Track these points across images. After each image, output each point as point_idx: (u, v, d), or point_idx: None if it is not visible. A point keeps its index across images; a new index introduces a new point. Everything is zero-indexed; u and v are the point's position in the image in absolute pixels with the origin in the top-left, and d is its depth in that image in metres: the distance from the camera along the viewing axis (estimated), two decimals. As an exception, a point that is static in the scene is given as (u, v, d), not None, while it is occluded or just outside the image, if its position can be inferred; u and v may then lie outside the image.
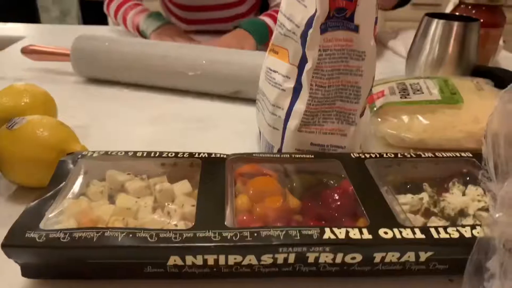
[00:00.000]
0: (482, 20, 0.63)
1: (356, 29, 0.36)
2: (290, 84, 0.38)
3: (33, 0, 2.17)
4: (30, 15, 2.21)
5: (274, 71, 0.40)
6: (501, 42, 0.71)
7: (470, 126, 0.46)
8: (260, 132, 0.45)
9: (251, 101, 0.57)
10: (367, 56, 0.36)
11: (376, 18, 0.38)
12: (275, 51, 0.41)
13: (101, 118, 0.53)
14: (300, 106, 0.37)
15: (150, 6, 0.90)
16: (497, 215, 0.22)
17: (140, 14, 0.83)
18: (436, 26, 0.58)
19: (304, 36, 0.36)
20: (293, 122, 0.38)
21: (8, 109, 0.43)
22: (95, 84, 0.63)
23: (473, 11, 0.63)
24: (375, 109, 0.50)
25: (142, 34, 0.82)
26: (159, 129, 0.51)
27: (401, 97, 0.50)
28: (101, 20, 2.21)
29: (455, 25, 0.56)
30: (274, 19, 0.82)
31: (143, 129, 0.51)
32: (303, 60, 0.37)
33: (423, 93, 0.50)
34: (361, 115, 0.40)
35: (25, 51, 0.67)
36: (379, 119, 0.48)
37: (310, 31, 0.35)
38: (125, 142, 0.47)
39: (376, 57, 0.37)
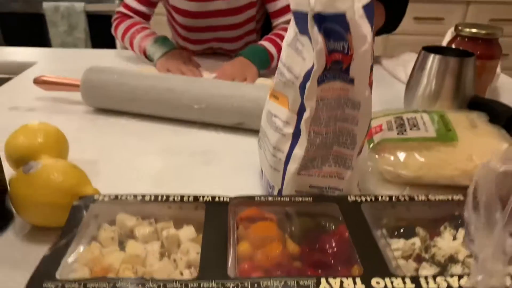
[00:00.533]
0: (478, 52, 0.65)
1: (351, 81, 0.38)
2: (290, 130, 0.40)
3: (42, 15, 2.21)
4: (38, 28, 2.25)
5: (275, 116, 0.42)
6: (498, 70, 0.73)
7: (464, 164, 0.48)
8: (262, 171, 0.47)
9: (254, 131, 0.59)
10: (362, 106, 0.38)
11: (372, 65, 0.40)
12: (276, 96, 0.43)
13: (110, 152, 0.55)
14: (299, 151, 0.40)
15: (157, 23, 0.92)
16: (479, 278, 0.23)
17: (147, 38, 0.86)
18: (433, 61, 0.60)
19: (302, 87, 0.38)
20: (293, 166, 0.40)
21: (24, 149, 0.46)
22: (104, 114, 0.66)
23: (470, 44, 0.65)
24: (373, 144, 0.52)
25: (149, 59, 0.84)
26: (165, 163, 0.53)
27: (398, 133, 0.52)
28: (108, 34, 2.25)
29: (451, 60, 0.58)
30: (274, 43, 0.84)
31: (150, 163, 0.53)
32: (302, 108, 0.39)
33: (419, 129, 0.52)
34: (358, 154, 0.42)
35: (37, 82, 0.69)
36: (377, 156, 0.50)
37: (308, 83, 0.37)
38: (133, 178, 0.50)
39: (371, 105, 0.39)
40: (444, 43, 0.80)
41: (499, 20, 2.03)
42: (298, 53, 0.39)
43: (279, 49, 0.84)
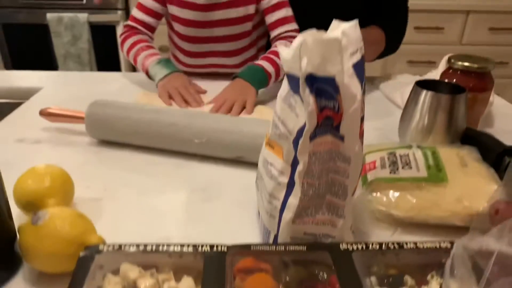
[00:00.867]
0: (471, 85, 0.67)
1: (342, 138, 0.40)
2: (285, 179, 0.42)
3: (46, 26, 2.23)
4: (42, 38, 2.27)
5: (271, 164, 0.44)
6: (491, 98, 0.75)
7: (453, 206, 0.50)
8: (259, 212, 0.49)
9: (252, 164, 0.61)
10: (353, 160, 0.40)
11: (362, 116, 0.42)
12: (271, 145, 0.45)
13: (114, 188, 0.58)
14: (294, 200, 0.42)
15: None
16: None
17: (150, 57, 0.89)
18: (425, 97, 0.61)
19: (295, 143, 0.40)
20: (288, 215, 0.42)
21: (32, 194, 0.48)
22: (107, 146, 0.68)
23: (462, 76, 0.67)
24: (366, 182, 0.54)
25: (151, 78, 0.87)
26: (167, 201, 0.55)
27: (390, 172, 0.54)
28: (111, 44, 2.27)
29: (443, 97, 0.60)
30: (271, 62, 0.87)
31: (152, 202, 0.55)
32: (295, 161, 0.41)
33: (411, 168, 0.54)
34: (352, 194, 0.44)
35: (43, 114, 0.72)
36: (369, 196, 0.52)
37: (301, 140, 0.39)
38: (135, 218, 0.52)
39: (362, 158, 0.41)
40: (440, 70, 0.82)
41: (498, 29, 2.04)
42: (292, 108, 0.41)
43: (276, 67, 0.87)
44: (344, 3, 1.00)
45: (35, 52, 2.35)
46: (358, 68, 0.41)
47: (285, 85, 0.42)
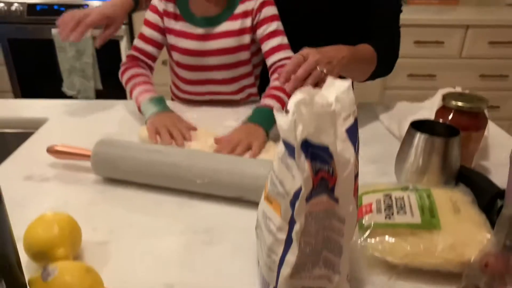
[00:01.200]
0: (465, 124, 0.68)
1: (337, 200, 0.42)
2: (283, 236, 0.44)
3: (50, 40, 2.26)
4: (48, 53, 2.30)
5: (269, 219, 0.46)
6: (486, 133, 0.76)
7: (446, 253, 0.51)
8: (259, 262, 0.51)
9: (254, 204, 0.63)
10: (347, 221, 0.42)
11: (357, 173, 0.44)
12: (270, 200, 0.47)
13: (119, 231, 0.60)
14: (291, 257, 0.44)
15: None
16: None
17: (144, 94, 0.90)
18: (419, 139, 0.63)
19: (292, 204, 0.42)
20: (286, 270, 0.44)
21: (41, 243, 0.50)
22: (113, 184, 0.70)
23: (456, 115, 0.69)
24: (363, 227, 0.56)
25: (142, 114, 0.89)
26: (170, 244, 0.58)
27: (385, 217, 0.56)
28: (115, 58, 2.30)
29: (437, 140, 0.62)
30: (276, 98, 0.88)
31: (155, 243, 0.58)
32: (293, 221, 0.43)
33: (405, 213, 0.56)
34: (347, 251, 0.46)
35: (50, 151, 0.74)
36: (366, 242, 0.54)
37: (297, 203, 0.41)
38: (140, 263, 0.54)
39: (356, 216, 0.43)
40: (436, 101, 0.83)
41: (498, 43, 2.06)
42: (289, 169, 0.43)
43: (281, 102, 0.88)
44: (336, 26, 1.02)
45: (40, 66, 2.38)
46: (351, 131, 0.43)
47: (282, 146, 0.44)
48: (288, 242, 0.44)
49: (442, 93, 0.85)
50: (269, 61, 0.94)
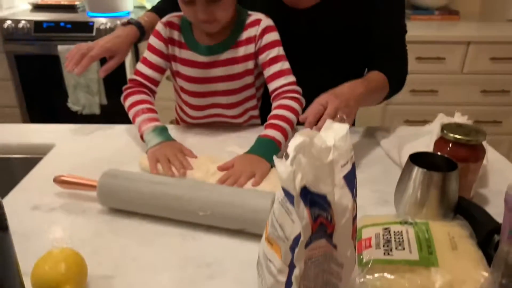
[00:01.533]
0: (463, 155, 0.70)
1: (335, 246, 0.43)
2: (283, 279, 0.45)
3: (57, 57, 2.29)
4: (53, 69, 2.33)
5: (270, 261, 0.48)
6: (484, 161, 0.77)
7: (443, 291, 0.52)
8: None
9: (256, 236, 0.65)
10: (345, 265, 0.44)
11: (355, 215, 0.45)
12: (270, 242, 0.48)
13: (124, 264, 0.61)
14: (291, 299, 0.45)
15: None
16: None
17: (148, 123, 0.91)
18: (417, 173, 0.65)
19: (292, 249, 0.43)
20: (286, 311, 0.45)
21: (49, 280, 0.52)
22: (118, 215, 0.72)
23: (454, 147, 0.70)
24: (362, 262, 0.57)
25: (145, 142, 0.90)
26: (173, 279, 0.59)
27: (384, 253, 0.57)
28: (119, 74, 2.32)
29: (434, 175, 0.63)
30: (278, 128, 0.89)
31: (159, 277, 0.59)
32: (292, 265, 0.44)
33: (404, 249, 0.57)
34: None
35: (57, 181, 0.76)
36: (365, 278, 0.55)
37: (296, 249, 0.42)
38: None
39: (355, 260, 0.45)
40: (435, 127, 0.85)
41: (499, 59, 2.07)
42: (289, 214, 0.44)
43: (284, 132, 0.89)
44: (339, 49, 1.04)
45: (46, 82, 2.41)
46: (349, 178, 0.44)
47: (282, 191, 0.46)
48: (288, 285, 0.45)
49: (441, 121, 0.87)
50: (271, 86, 0.96)
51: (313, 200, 0.42)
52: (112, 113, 2.62)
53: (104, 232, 0.69)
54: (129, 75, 2.41)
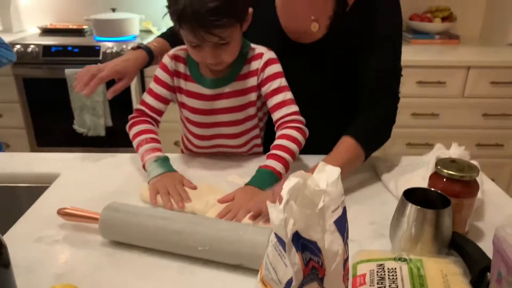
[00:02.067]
0: (457, 191, 0.71)
1: (325, 291, 0.44)
2: (277, 321, 0.47)
3: (63, 80, 2.34)
4: (60, 91, 2.38)
5: (264, 301, 0.49)
6: (480, 195, 0.79)
7: (435, 331, 0.53)
8: None
9: (253, 271, 0.66)
10: (336, 309, 0.45)
11: (347, 257, 0.46)
12: (265, 284, 0.50)
13: (124, 299, 0.63)
14: None
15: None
16: None
17: (150, 153, 0.93)
18: (411, 209, 0.66)
19: (284, 292, 0.45)
20: None
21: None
22: (119, 247, 0.74)
23: (448, 182, 0.71)
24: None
25: (147, 172, 0.93)
26: (171, 314, 0.60)
27: (378, 292, 0.58)
28: (124, 96, 2.37)
29: (428, 212, 0.65)
30: (278, 159, 0.90)
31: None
32: (285, 307, 0.45)
33: (397, 287, 0.58)
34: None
35: (60, 213, 0.78)
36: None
37: (289, 294, 0.44)
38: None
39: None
40: (432, 158, 0.86)
41: (499, 83, 2.09)
42: (281, 257, 0.46)
43: (285, 163, 0.90)
44: (343, 85, 1.05)
45: (53, 105, 2.46)
46: (340, 222, 0.46)
47: (274, 235, 0.47)
48: (283, 328, 0.46)
49: (438, 152, 0.88)
50: (274, 116, 0.98)
51: (305, 244, 0.44)
52: (117, 135, 2.65)
53: (105, 266, 0.70)
54: (134, 97, 2.46)
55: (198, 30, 0.83)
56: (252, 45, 0.99)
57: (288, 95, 0.97)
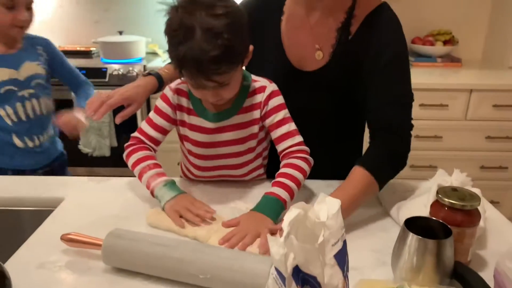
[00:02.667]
0: (458, 220, 0.71)
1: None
2: None
3: (70, 101, 2.36)
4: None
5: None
6: (482, 223, 0.78)
7: None
8: None
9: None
10: None
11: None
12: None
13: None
14: None
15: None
16: None
17: (156, 178, 0.93)
18: (412, 239, 0.66)
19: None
20: None
21: None
22: (121, 274, 0.74)
23: (450, 211, 0.72)
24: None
25: (156, 198, 0.93)
26: None
27: (379, 323, 0.58)
28: (129, 118, 2.40)
29: (429, 242, 0.65)
30: (284, 187, 0.90)
31: None
32: None
33: (398, 320, 0.58)
34: None
35: (64, 239, 0.79)
36: None
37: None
38: None
39: None
40: (434, 187, 0.86)
41: (501, 106, 2.10)
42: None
43: (290, 190, 0.90)
44: (347, 113, 1.06)
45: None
46: (340, 255, 0.46)
47: (275, 269, 0.48)
48: None
49: (439, 179, 0.88)
50: (279, 148, 0.98)
51: (305, 279, 0.44)
52: (122, 155, 2.67)
53: (107, 293, 0.70)
54: (140, 118, 2.49)
55: (198, 77, 0.84)
56: (254, 77, 0.99)
57: (292, 126, 0.98)
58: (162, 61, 2.53)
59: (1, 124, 1.41)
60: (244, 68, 0.95)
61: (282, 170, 0.95)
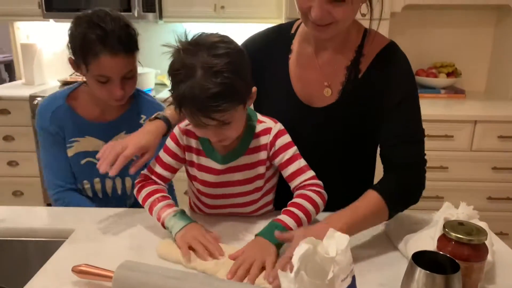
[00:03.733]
0: (466, 254, 0.72)
1: None
2: None
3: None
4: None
5: None
6: (489, 257, 0.79)
7: None
8: None
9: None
10: None
11: None
12: None
13: None
14: None
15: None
16: None
17: (165, 209, 0.95)
18: (420, 274, 0.66)
19: None
20: None
21: None
22: (131, 307, 0.74)
23: (457, 245, 0.72)
24: None
25: (167, 229, 0.94)
26: None
27: None
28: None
29: (437, 277, 0.65)
30: (292, 215, 0.91)
31: None
32: None
33: None
34: None
35: (75, 271, 0.80)
36: None
37: None
38: None
39: None
40: (441, 217, 0.87)
41: (507, 137, 2.11)
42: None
43: (297, 219, 0.91)
44: (356, 148, 1.07)
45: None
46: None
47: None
48: None
49: (446, 213, 0.89)
50: (292, 184, 0.99)
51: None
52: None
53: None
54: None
55: (197, 115, 0.84)
56: (259, 117, 1.01)
57: (302, 162, 0.99)
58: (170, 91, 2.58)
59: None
60: (252, 106, 0.97)
61: (294, 199, 0.95)
